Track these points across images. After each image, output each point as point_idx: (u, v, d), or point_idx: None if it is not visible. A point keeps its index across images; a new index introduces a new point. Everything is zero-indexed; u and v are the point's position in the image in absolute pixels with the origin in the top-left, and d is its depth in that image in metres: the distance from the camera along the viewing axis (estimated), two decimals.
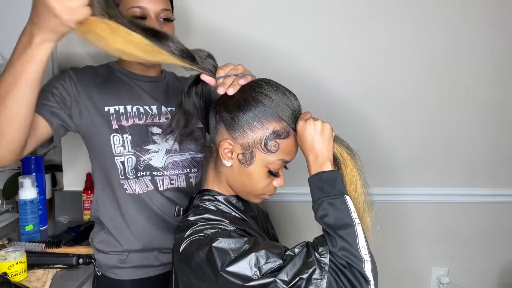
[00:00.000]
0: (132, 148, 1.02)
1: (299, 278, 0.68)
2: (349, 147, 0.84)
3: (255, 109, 0.79)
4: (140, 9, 0.99)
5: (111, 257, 1.05)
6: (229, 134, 0.82)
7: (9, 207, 1.54)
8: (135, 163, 1.02)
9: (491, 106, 1.62)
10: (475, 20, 1.56)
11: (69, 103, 0.98)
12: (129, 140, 1.01)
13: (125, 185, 1.02)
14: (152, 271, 1.07)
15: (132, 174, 1.02)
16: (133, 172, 1.02)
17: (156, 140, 1.05)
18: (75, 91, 1.00)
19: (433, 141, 1.63)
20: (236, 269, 0.70)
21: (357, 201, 0.82)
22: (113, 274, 1.06)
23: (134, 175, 1.02)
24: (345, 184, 0.81)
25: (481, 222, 1.70)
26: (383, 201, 1.61)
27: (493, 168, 1.66)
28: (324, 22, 1.53)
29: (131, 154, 1.01)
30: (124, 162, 1.01)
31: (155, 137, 1.05)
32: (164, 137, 1.05)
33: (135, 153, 1.02)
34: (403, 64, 1.57)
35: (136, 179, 1.02)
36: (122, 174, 1.02)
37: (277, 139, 0.80)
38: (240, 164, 0.83)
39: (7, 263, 1.03)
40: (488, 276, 1.75)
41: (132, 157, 1.01)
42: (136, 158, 1.02)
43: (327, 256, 0.71)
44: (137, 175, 1.02)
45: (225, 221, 0.80)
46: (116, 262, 1.05)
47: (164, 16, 1.02)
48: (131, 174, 1.02)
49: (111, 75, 1.07)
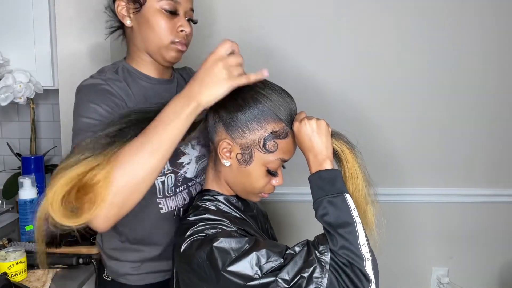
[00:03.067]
0: (170, 165, 0.97)
1: (300, 277, 0.68)
2: (348, 141, 0.84)
3: (254, 109, 0.80)
4: (173, 3, 0.93)
5: (124, 264, 1.02)
6: (228, 134, 0.82)
7: (9, 207, 1.54)
8: (174, 180, 0.98)
9: (491, 106, 1.62)
10: (475, 20, 1.56)
11: None
12: None
13: (161, 204, 0.98)
14: (163, 276, 1.04)
15: (171, 191, 0.98)
16: (172, 190, 0.98)
17: (184, 151, 1.01)
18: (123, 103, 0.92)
19: (432, 141, 1.63)
20: (237, 269, 0.70)
21: (359, 195, 0.82)
22: (124, 280, 1.03)
23: (173, 192, 0.98)
24: (346, 179, 0.82)
25: (481, 222, 1.70)
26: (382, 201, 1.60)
27: (493, 168, 1.66)
28: (326, 21, 1.54)
29: (170, 172, 0.97)
30: (164, 182, 0.96)
31: (182, 147, 1.00)
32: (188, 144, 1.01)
33: (174, 170, 0.97)
34: (406, 65, 1.57)
35: (174, 195, 0.99)
36: (160, 193, 0.97)
37: (276, 139, 0.81)
38: (239, 164, 0.83)
39: (7, 263, 1.03)
40: (488, 276, 1.75)
41: (172, 175, 0.97)
42: (175, 175, 0.98)
43: (327, 255, 0.71)
44: (176, 191, 0.99)
45: (226, 221, 0.80)
46: (129, 269, 1.02)
47: (190, 16, 0.99)
48: (169, 192, 0.98)
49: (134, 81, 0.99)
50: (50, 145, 1.77)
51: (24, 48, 1.41)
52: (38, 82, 1.43)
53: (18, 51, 1.41)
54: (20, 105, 1.58)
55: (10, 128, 1.80)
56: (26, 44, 1.40)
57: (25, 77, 1.39)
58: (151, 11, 0.93)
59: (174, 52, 0.96)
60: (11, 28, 1.40)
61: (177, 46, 0.96)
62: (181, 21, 0.95)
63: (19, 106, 1.76)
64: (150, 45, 0.96)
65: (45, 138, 1.79)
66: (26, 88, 1.39)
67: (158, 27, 0.94)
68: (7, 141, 1.72)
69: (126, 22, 0.97)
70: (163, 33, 0.94)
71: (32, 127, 1.57)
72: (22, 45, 1.41)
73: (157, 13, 0.93)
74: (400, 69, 1.58)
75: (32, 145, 1.56)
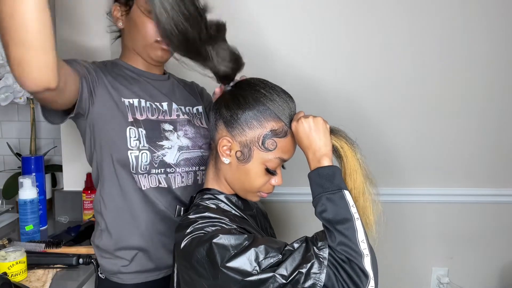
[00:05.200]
0: (147, 143, 1.00)
1: (298, 272, 0.69)
2: (347, 137, 0.84)
3: (254, 108, 0.81)
4: None
5: (115, 262, 1.04)
6: (228, 132, 0.84)
7: (9, 207, 1.54)
8: (150, 159, 1.00)
9: (491, 105, 1.62)
10: (475, 20, 1.56)
11: (95, 82, 0.98)
12: (144, 135, 1.00)
13: (135, 179, 1.01)
14: (157, 274, 1.06)
15: (144, 169, 1.00)
16: (146, 168, 1.00)
17: (168, 137, 1.03)
18: (101, 74, 1.00)
19: (432, 141, 1.63)
20: (236, 265, 0.70)
21: (358, 192, 0.82)
22: (117, 279, 1.04)
23: (146, 171, 1.00)
24: (346, 175, 0.82)
25: (481, 222, 1.70)
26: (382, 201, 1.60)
27: (493, 168, 1.66)
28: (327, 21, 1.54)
29: (146, 149, 1.00)
30: (138, 157, 0.99)
31: (167, 134, 1.04)
32: (174, 133, 1.04)
33: (150, 148, 1.00)
34: (407, 65, 1.58)
35: (148, 174, 1.01)
36: (133, 168, 1.00)
37: (275, 137, 0.82)
38: (238, 162, 0.84)
39: (7, 263, 1.03)
40: (488, 276, 1.75)
41: (147, 152, 1.00)
42: (151, 154, 1.00)
43: (326, 251, 0.71)
44: (150, 171, 1.01)
45: (225, 219, 0.80)
46: (120, 268, 1.03)
47: None
48: (142, 170, 1.00)
49: (120, 71, 1.06)
50: (50, 145, 1.78)
51: None
52: None
53: None
54: (20, 105, 1.59)
55: (10, 128, 1.81)
56: None
57: None
58: (137, 13, 0.99)
59: (159, 51, 1.02)
60: None
61: (161, 45, 1.01)
62: None
63: (19, 106, 1.76)
64: (136, 44, 1.03)
65: (45, 138, 1.80)
66: None
67: (142, 27, 1.00)
68: (7, 141, 1.73)
69: (118, 24, 1.05)
70: (147, 32, 1.00)
71: (32, 127, 1.57)
72: None
73: (143, 15, 0.99)
74: (400, 69, 1.58)
75: (32, 145, 1.56)
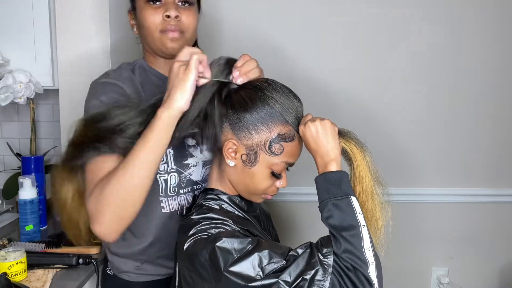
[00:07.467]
0: (175, 164, 0.96)
1: (302, 279, 0.68)
2: (356, 139, 0.82)
3: (261, 111, 0.79)
4: None
5: (126, 262, 1.02)
6: (234, 134, 0.82)
7: (9, 207, 1.54)
8: (178, 180, 0.97)
9: (491, 105, 1.62)
10: (477, 20, 1.56)
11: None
12: (172, 156, 0.96)
13: (163, 203, 0.97)
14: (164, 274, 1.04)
15: (174, 191, 0.97)
16: (175, 190, 0.97)
17: (192, 153, 0.99)
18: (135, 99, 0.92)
19: (433, 141, 1.63)
20: (239, 269, 0.69)
21: (367, 195, 0.81)
22: (127, 276, 1.03)
23: (176, 192, 0.97)
24: (355, 179, 0.80)
25: (481, 222, 1.70)
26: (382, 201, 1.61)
27: (493, 168, 1.66)
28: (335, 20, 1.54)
29: (174, 172, 0.96)
30: (167, 180, 0.95)
31: (191, 150, 0.99)
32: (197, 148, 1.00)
33: (178, 169, 0.97)
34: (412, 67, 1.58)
35: (177, 196, 0.98)
36: (162, 192, 0.96)
37: (282, 142, 0.80)
38: (243, 165, 0.82)
39: (7, 263, 1.02)
40: (488, 276, 1.75)
41: (175, 174, 0.96)
42: (178, 175, 0.97)
43: (331, 258, 0.70)
44: (179, 192, 0.98)
45: (229, 220, 0.79)
46: (131, 268, 1.02)
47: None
48: (172, 192, 0.97)
49: (148, 78, 1.00)
50: (50, 145, 1.77)
51: (24, 48, 1.40)
52: (38, 82, 1.42)
53: (18, 51, 1.41)
54: (20, 105, 1.58)
55: (10, 128, 1.80)
56: (26, 44, 1.40)
57: (25, 77, 1.38)
58: (139, 9, 0.95)
59: (168, 42, 0.94)
60: (11, 28, 1.40)
61: (167, 34, 0.93)
62: (165, 6, 0.92)
63: (19, 106, 1.76)
64: (147, 42, 0.98)
65: (45, 138, 1.79)
66: (26, 88, 1.39)
67: (145, 21, 0.94)
68: (7, 141, 1.72)
69: (134, 31, 1.01)
70: (150, 25, 0.93)
71: (32, 127, 1.57)
72: (22, 45, 1.40)
73: (143, 8, 0.94)
74: (401, 68, 1.58)
75: (32, 145, 1.56)
